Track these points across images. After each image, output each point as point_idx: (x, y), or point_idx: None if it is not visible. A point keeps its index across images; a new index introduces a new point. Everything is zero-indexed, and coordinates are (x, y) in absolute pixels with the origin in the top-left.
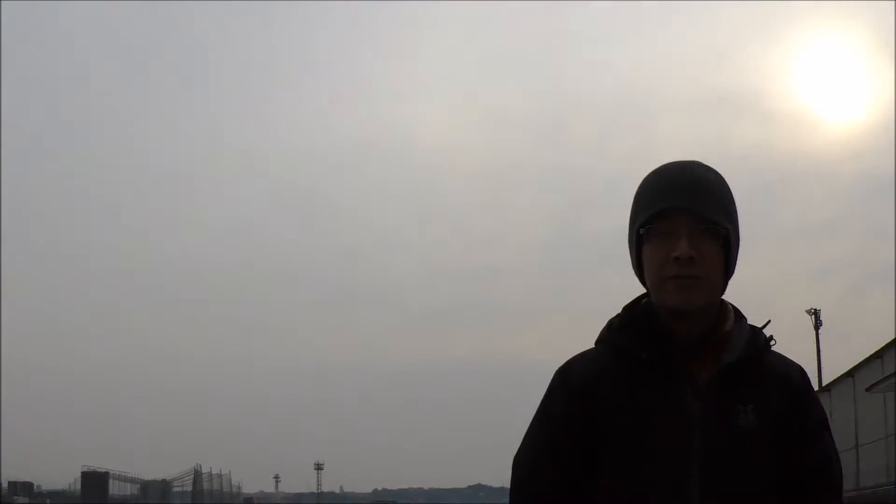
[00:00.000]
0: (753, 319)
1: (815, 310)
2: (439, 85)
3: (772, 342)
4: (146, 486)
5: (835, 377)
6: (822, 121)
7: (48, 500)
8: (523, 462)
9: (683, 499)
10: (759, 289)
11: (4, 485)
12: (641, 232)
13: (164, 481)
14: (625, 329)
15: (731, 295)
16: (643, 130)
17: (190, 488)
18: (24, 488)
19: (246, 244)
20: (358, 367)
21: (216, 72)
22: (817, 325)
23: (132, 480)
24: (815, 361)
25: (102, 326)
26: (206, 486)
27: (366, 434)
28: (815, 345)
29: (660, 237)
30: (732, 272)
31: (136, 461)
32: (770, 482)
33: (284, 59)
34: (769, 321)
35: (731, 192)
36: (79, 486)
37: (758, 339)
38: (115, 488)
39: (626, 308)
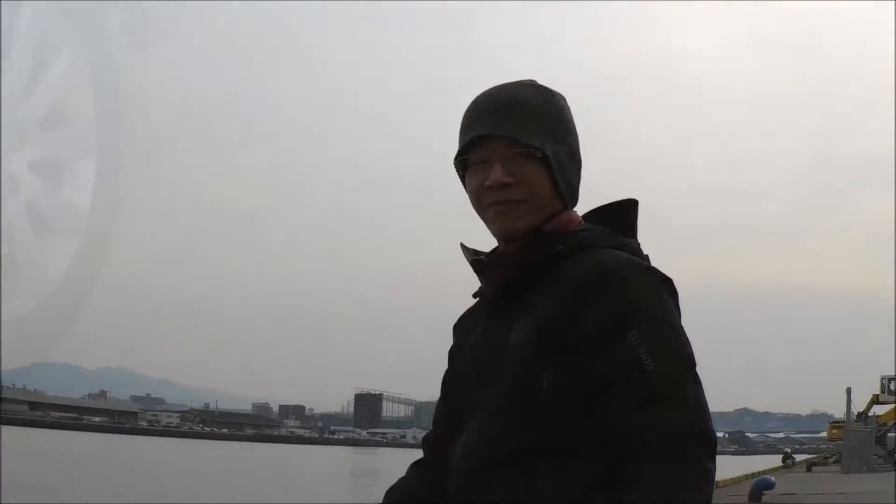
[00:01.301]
0: None
1: None
2: (709, 8)
3: (572, 240)
4: (420, 407)
5: None
6: None
7: (320, 423)
8: None
9: (459, 421)
10: None
11: (275, 409)
12: (455, 165)
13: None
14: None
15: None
16: None
17: None
18: (296, 411)
19: None
20: None
21: None
22: None
23: (406, 402)
24: None
25: (373, 249)
26: None
27: None
28: None
29: (477, 166)
30: (572, 189)
31: (411, 383)
32: (544, 396)
33: None
34: (583, 224)
35: (557, 109)
36: (352, 409)
37: (548, 247)
38: (388, 410)
39: (462, 245)
